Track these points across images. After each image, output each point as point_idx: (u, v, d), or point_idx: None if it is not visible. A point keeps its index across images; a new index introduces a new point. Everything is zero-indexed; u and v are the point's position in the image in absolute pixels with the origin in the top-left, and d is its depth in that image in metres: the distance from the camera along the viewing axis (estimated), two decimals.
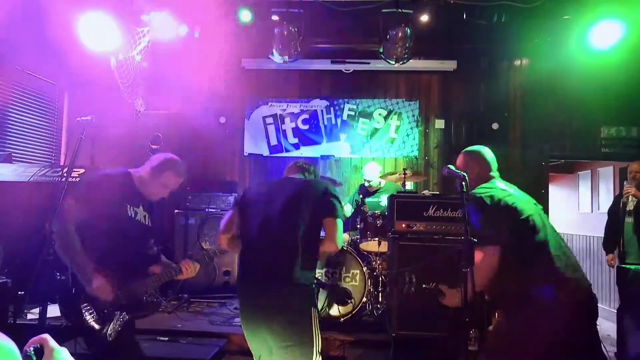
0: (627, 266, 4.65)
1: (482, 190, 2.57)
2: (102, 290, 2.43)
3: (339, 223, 2.42)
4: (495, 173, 2.74)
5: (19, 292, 3.65)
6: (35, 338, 1.05)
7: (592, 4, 4.89)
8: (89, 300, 2.45)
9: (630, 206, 4.80)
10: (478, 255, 2.30)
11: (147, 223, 2.73)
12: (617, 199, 5.08)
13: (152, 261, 2.75)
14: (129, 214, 2.61)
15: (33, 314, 3.94)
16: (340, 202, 2.50)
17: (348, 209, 5.37)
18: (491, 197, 2.51)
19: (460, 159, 2.82)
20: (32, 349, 1.02)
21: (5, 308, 3.48)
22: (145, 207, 2.74)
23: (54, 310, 2.57)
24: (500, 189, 2.60)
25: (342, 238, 2.46)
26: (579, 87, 5.88)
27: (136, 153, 4.72)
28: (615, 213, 4.98)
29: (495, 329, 2.64)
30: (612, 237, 5.07)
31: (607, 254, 5.18)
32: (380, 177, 5.41)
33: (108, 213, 2.52)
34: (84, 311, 2.44)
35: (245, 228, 2.53)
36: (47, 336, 1.05)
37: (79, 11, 4.64)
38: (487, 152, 2.81)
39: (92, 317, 2.44)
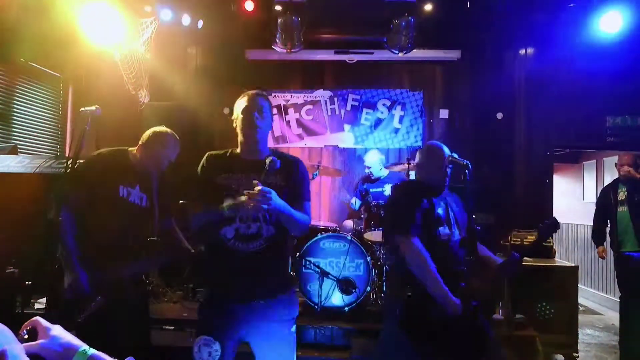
0: (629, 253, 4.65)
1: None
2: (74, 287, 2.40)
3: None
4: None
5: (26, 282, 3.69)
6: (27, 322, 1.09)
7: None
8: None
9: (622, 196, 4.79)
10: None
11: (143, 204, 2.68)
12: (605, 190, 5.05)
13: (148, 244, 2.69)
14: (121, 194, 2.57)
15: (40, 304, 3.98)
16: None
17: (355, 202, 5.38)
18: None
19: None
20: (25, 331, 1.07)
21: (13, 298, 3.53)
22: (143, 187, 2.68)
23: None
24: None
25: None
26: (584, 76, 5.82)
27: None
28: (605, 204, 4.96)
29: None
30: (602, 229, 5.07)
31: (597, 246, 5.16)
32: (385, 167, 5.43)
33: (101, 193, 2.51)
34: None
35: None
36: (37, 318, 1.11)
37: (83, 2, 4.64)
38: None
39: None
